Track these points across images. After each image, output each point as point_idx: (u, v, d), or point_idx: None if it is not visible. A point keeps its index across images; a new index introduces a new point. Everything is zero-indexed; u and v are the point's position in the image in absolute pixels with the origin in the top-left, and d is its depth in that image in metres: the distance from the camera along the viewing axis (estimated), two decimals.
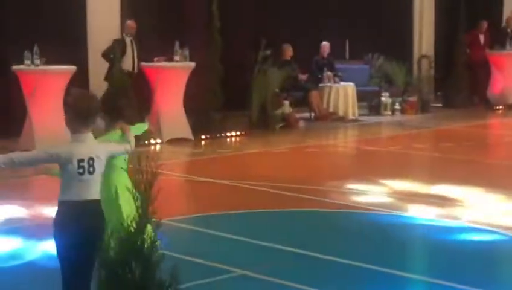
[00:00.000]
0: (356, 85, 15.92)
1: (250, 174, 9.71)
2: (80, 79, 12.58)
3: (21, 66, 11.08)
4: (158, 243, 3.10)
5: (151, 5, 14.58)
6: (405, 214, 7.75)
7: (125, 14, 13.71)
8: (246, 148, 12.09)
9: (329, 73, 15.69)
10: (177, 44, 12.55)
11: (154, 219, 3.48)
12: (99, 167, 4.22)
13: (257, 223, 7.35)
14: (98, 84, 13.21)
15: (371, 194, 8.65)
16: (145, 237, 3.06)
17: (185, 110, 12.63)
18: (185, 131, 12.55)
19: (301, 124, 14.43)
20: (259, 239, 6.62)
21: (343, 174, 9.97)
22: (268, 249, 6.38)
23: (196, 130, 12.69)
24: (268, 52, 13.77)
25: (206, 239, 6.77)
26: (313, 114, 15.45)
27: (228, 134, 13.03)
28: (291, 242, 6.52)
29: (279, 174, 9.81)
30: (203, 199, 8.39)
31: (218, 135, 12.87)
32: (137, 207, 3.68)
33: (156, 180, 3.67)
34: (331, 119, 15.23)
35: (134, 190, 4.04)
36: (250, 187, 8.86)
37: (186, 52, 12.60)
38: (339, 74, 15.99)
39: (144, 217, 3.30)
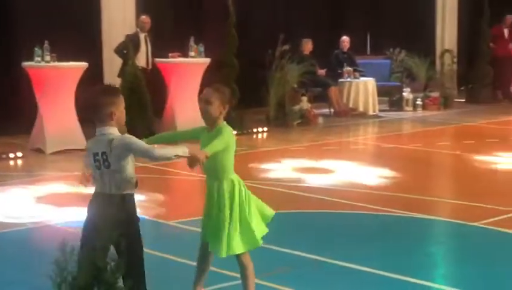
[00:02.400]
0: (377, 80, 15.62)
1: (265, 173, 9.43)
2: (94, 76, 12.37)
3: (31, 63, 10.85)
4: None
5: (166, 0, 14.34)
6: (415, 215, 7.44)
7: (140, 9, 13.48)
8: (263, 145, 11.81)
9: (349, 68, 15.37)
10: (192, 39, 12.30)
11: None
12: (113, 160, 4.21)
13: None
14: (112, 81, 13.00)
15: (390, 195, 8.33)
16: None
17: None
18: None
19: (320, 120, 14.13)
20: (272, 244, 6.35)
21: (360, 173, 9.65)
22: (280, 254, 6.09)
23: None
24: (287, 47, 13.48)
25: None
26: (332, 110, 15.16)
27: (245, 131, 12.76)
28: (306, 246, 6.24)
29: (295, 173, 9.54)
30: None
31: (235, 132, 12.56)
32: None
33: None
34: (350, 115, 14.94)
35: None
36: (264, 188, 8.58)
37: (202, 48, 12.35)
38: (360, 68, 15.67)
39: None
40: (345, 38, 15.80)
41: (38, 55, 10.74)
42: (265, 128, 13.07)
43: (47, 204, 7.89)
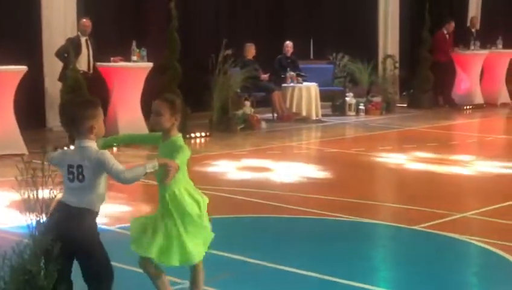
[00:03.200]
0: (320, 85, 15.70)
1: (208, 178, 9.38)
2: (34, 79, 12.22)
3: None
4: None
5: (108, 3, 14.19)
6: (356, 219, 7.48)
7: (81, 12, 13.32)
8: (206, 150, 11.76)
9: (292, 73, 15.42)
10: (134, 44, 12.20)
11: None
12: (88, 175, 4.21)
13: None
14: (52, 85, 12.86)
15: (331, 199, 8.37)
16: (42, 265, 2.71)
17: (143, 111, 12.27)
18: (143, 132, 12.16)
19: (263, 125, 14.13)
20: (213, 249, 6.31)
21: (302, 178, 9.68)
22: (222, 258, 6.06)
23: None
24: (230, 51, 13.45)
25: None
26: (275, 115, 15.18)
27: (187, 136, 12.67)
28: (246, 251, 6.22)
29: (238, 178, 9.52)
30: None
31: None
32: None
33: None
34: (294, 119, 14.98)
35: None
36: (206, 192, 8.52)
37: (144, 52, 12.25)
38: (303, 73, 15.73)
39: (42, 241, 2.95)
40: (288, 43, 15.85)
41: None
42: (208, 133, 13.02)
43: None
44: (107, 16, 14.04)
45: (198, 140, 12.70)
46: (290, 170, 10.03)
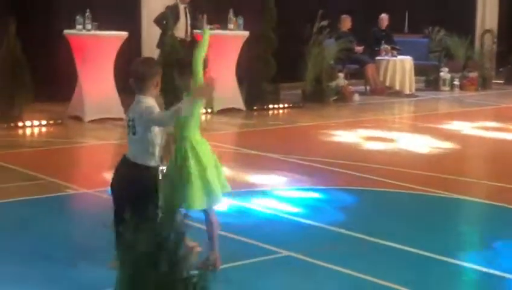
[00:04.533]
0: (415, 59, 15.47)
1: (300, 148, 9.43)
2: (133, 45, 12.42)
3: (72, 31, 10.91)
4: (184, 235, 2.86)
5: None
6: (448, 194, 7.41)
7: None
8: (299, 120, 11.79)
9: (386, 46, 15.25)
10: (231, 12, 12.24)
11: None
12: (139, 128, 4.50)
13: (306, 201, 7.07)
14: (150, 51, 13.03)
15: (429, 175, 8.30)
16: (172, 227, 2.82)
17: (237, 80, 12.38)
18: (237, 101, 12.30)
19: (356, 97, 14.05)
20: (307, 218, 6.38)
21: (395, 153, 9.62)
22: (317, 229, 6.12)
23: (248, 100, 12.45)
24: (325, 22, 13.40)
25: (252, 216, 6.54)
26: (368, 87, 15.08)
27: (281, 106, 12.75)
28: (339, 222, 6.26)
29: (331, 149, 9.53)
30: (250, 173, 8.13)
31: (270, 107, 12.60)
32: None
33: None
34: (386, 93, 14.84)
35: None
36: (299, 162, 8.59)
37: (241, 20, 12.29)
38: (397, 47, 15.54)
39: (170, 205, 3.05)
40: (384, 16, 15.67)
41: (79, 24, 10.79)
42: (301, 104, 13.04)
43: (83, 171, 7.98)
44: None
45: (291, 110, 12.73)
46: (383, 144, 9.99)
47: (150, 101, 4.55)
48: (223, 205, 5.42)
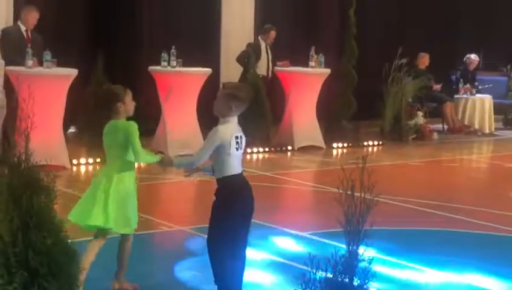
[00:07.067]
0: (493, 97, 15.25)
1: (386, 188, 9.29)
2: (212, 82, 12.52)
3: (157, 67, 11.04)
4: None
5: (285, 9, 14.39)
6: None
7: (258, 17, 13.58)
8: (379, 159, 11.67)
9: (467, 85, 15.09)
10: (312, 49, 12.24)
11: None
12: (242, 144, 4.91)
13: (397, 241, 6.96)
14: None
15: None
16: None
17: (317, 117, 12.35)
18: (317, 139, 12.25)
19: (435, 136, 13.88)
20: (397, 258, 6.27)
21: (487, 192, 9.43)
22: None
23: (327, 138, 12.39)
24: (405, 60, 13.31)
25: None
26: (446, 126, 14.89)
27: (360, 144, 12.65)
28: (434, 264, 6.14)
29: (418, 189, 9.39)
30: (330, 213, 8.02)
31: (350, 145, 12.52)
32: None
33: None
34: (465, 132, 14.64)
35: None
36: (385, 201, 8.47)
37: (322, 58, 12.27)
38: (476, 84, 15.35)
39: None
40: (475, 58, 15.52)
41: (164, 60, 10.91)
42: (380, 142, 12.94)
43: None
44: (284, 21, 14.19)
45: (370, 148, 12.63)
46: (468, 183, 9.81)
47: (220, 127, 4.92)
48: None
